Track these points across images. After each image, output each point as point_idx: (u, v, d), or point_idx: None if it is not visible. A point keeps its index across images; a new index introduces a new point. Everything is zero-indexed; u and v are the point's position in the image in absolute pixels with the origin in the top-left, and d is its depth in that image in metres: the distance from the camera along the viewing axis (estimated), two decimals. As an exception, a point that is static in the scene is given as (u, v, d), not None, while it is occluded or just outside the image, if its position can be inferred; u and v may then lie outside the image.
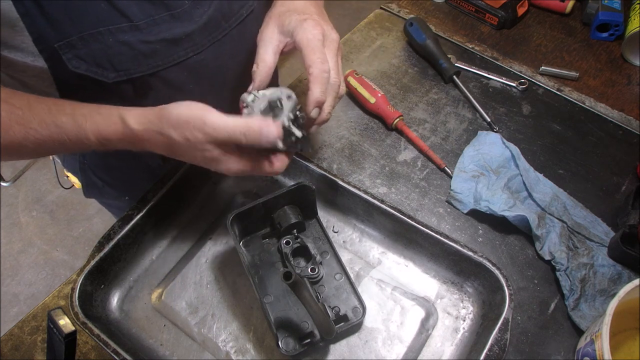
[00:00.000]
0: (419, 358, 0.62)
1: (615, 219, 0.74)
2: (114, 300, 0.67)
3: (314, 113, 0.57)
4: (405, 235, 0.68)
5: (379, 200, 0.67)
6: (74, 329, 0.54)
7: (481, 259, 0.62)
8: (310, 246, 0.66)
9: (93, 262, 0.63)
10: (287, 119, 0.56)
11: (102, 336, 0.58)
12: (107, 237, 0.65)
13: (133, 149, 0.58)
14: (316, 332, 0.61)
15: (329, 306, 0.63)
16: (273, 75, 0.62)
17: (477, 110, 0.88)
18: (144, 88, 0.63)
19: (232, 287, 0.68)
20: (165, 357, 0.63)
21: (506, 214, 0.71)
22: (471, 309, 0.65)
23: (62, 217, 2.08)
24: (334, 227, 0.73)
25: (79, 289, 0.62)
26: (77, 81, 0.58)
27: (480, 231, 0.74)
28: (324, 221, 0.70)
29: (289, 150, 0.58)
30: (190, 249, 0.72)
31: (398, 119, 0.84)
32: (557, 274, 0.68)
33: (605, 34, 0.99)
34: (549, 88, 0.92)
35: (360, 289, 0.66)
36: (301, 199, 0.67)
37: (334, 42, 0.60)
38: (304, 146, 0.59)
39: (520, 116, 0.88)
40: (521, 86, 0.91)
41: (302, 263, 0.66)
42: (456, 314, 0.65)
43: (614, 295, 0.57)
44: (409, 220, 0.66)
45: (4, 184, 2.15)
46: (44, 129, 0.54)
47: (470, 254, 0.63)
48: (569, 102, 0.90)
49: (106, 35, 0.56)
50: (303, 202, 0.67)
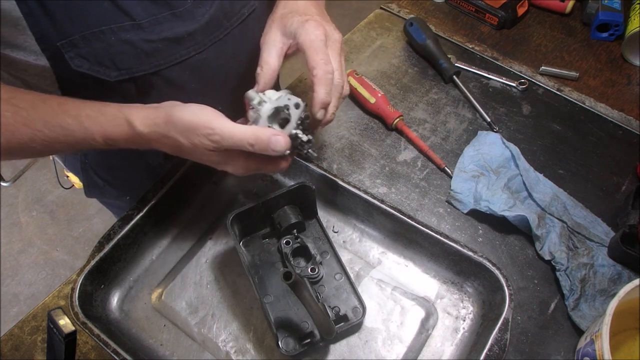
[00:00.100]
0: (419, 358, 0.62)
1: (615, 219, 0.74)
2: (114, 300, 0.67)
3: (319, 115, 0.57)
4: (405, 235, 0.68)
5: (379, 200, 0.67)
6: (74, 329, 0.54)
7: (481, 259, 0.62)
8: (310, 246, 0.66)
9: (93, 262, 0.63)
10: (294, 128, 0.57)
11: (102, 336, 0.58)
12: (107, 237, 0.65)
13: (139, 148, 0.58)
14: (316, 332, 0.61)
15: (329, 306, 0.63)
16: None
17: (477, 110, 0.88)
18: (146, 87, 0.63)
19: (232, 287, 0.68)
20: (165, 357, 0.63)
21: (506, 214, 0.71)
22: (471, 309, 0.65)
23: (62, 217, 2.08)
24: (334, 227, 0.73)
25: (79, 289, 0.62)
26: (79, 80, 0.59)
27: (480, 231, 0.74)
28: (324, 221, 0.70)
29: (295, 152, 0.59)
30: (190, 249, 0.72)
31: (398, 119, 0.84)
32: (557, 274, 0.68)
33: (605, 34, 0.99)
34: (549, 88, 0.92)
35: (360, 289, 0.66)
36: (301, 199, 0.67)
37: (336, 42, 0.60)
38: (310, 148, 0.59)
39: (520, 116, 0.88)
40: (521, 86, 0.91)
41: (302, 263, 0.66)
42: (456, 314, 0.65)
43: (614, 295, 0.57)
44: (409, 220, 0.66)
45: (4, 184, 2.15)
46: (50, 131, 0.55)
47: (470, 254, 0.63)
48: (569, 102, 0.90)
49: (108, 34, 0.56)
50: (303, 202, 0.67)
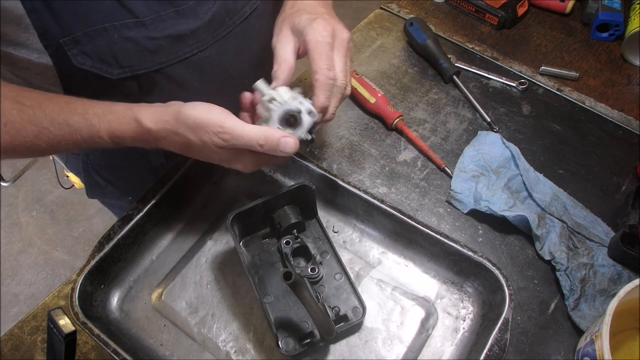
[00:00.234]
0: (419, 358, 0.62)
1: (615, 219, 0.74)
2: (114, 300, 0.67)
3: (317, 117, 0.58)
4: (405, 235, 0.68)
5: (379, 200, 0.67)
6: (74, 329, 0.54)
7: (481, 259, 0.62)
8: (310, 246, 0.66)
9: (93, 262, 0.63)
10: (304, 133, 0.58)
11: (102, 336, 0.58)
12: (107, 237, 0.65)
13: (145, 147, 0.58)
14: (316, 332, 0.61)
15: (329, 306, 0.63)
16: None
17: (477, 110, 0.88)
18: (149, 85, 0.63)
19: (232, 287, 0.68)
20: (165, 357, 0.63)
21: (506, 214, 0.71)
22: (471, 309, 0.65)
23: (62, 217, 2.08)
24: (334, 227, 0.73)
25: (79, 289, 0.61)
26: (82, 78, 0.59)
27: (480, 231, 0.74)
28: (324, 221, 0.70)
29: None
30: (190, 249, 0.72)
31: (398, 119, 0.84)
32: (557, 274, 0.68)
33: (605, 34, 0.99)
34: (549, 88, 0.92)
35: (360, 289, 0.65)
36: (301, 199, 0.67)
37: (343, 42, 0.60)
38: (312, 147, 0.61)
39: (520, 116, 0.88)
40: (521, 86, 0.91)
41: (302, 263, 0.66)
42: (456, 314, 0.65)
43: (614, 295, 0.57)
44: (409, 220, 0.66)
45: (4, 184, 2.15)
46: (56, 128, 0.55)
47: (470, 254, 0.63)
48: (569, 102, 0.90)
49: (111, 31, 0.56)
50: (303, 202, 0.67)
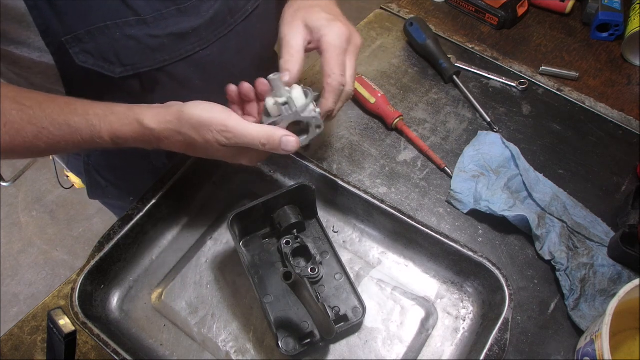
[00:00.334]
0: (419, 358, 0.62)
1: (615, 219, 0.74)
2: (114, 300, 0.67)
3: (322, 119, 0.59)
4: (405, 235, 0.68)
5: (379, 200, 0.67)
6: (74, 329, 0.54)
7: (481, 259, 0.62)
8: (310, 246, 0.66)
9: (93, 262, 0.63)
10: (306, 142, 0.59)
11: (102, 336, 0.58)
12: (107, 237, 0.65)
13: (146, 147, 0.58)
14: (316, 332, 0.61)
15: (329, 306, 0.63)
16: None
17: (477, 110, 0.88)
18: (151, 83, 0.63)
19: (232, 287, 0.68)
20: (165, 357, 0.63)
21: (506, 214, 0.71)
22: (471, 309, 0.65)
23: (62, 217, 2.08)
24: (334, 227, 0.73)
25: (79, 289, 0.61)
26: (84, 77, 0.59)
27: (480, 231, 0.74)
28: (324, 221, 0.70)
29: None
30: (190, 249, 0.72)
31: (398, 119, 0.84)
32: (557, 274, 0.68)
33: (605, 34, 0.99)
34: (549, 88, 0.92)
35: (360, 289, 0.65)
36: (301, 199, 0.67)
37: (357, 48, 0.61)
38: (308, 145, 0.61)
39: (520, 116, 0.88)
40: (521, 86, 0.91)
41: (302, 263, 0.66)
42: (456, 314, 0.65)
43: (614, 295, 0.57)
44: (409, 220, 0.66)
45: (4, 184, 2.15)
46: (56, 129, 0.55)
47: (470, 254, 0.63)
48: (569, 102, 0.90)
49: (113, 29, 0.56)
50: (303, 202, 0.67)
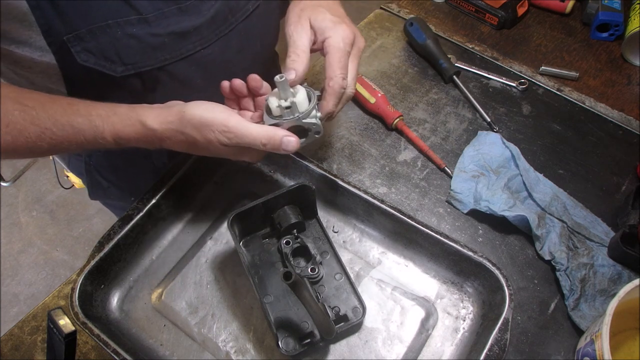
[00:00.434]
0: (419, 358, 0.62)
1: (615, 219, 0.74)
2: (114, 300, 0.67)
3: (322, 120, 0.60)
4: (405, 235, 0.68)
5: (379, 200, 0.67)
6: (74, 329, 0.54)
7: (481, 259, 0.62)
8: (310, 246, 0.66)
9: (93, 262, 0.63)
10: (305, 143, 0.60)
11: (102, 336, 0.58)
12: (107, 237, 0.65)
13: (149, 147, 0.59)
14: (316, 332, 0.61)
15: (329, 306, 0.63)
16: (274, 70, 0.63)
17: (477, 110, 0.88)
18: (152, 82, 0.64)
19: (232, 287, 0.68)
20: (165, 357, 0.63)
21: (506, 214, 0.71)
22: (471, 309, 0.65)
23: (62, 217, 2.08)
24: (334, 227, 0.73)
25: (79, 289, 0.62)
26: (85, 76, 0.59)
27: (480, 231, 0.74)
28: (324, 221, 0.70)
29: None
30: (190, 249, 0.72)
31: (398, 119, 0.84)
32: (557, 274, 0.68)
33: (605, 34, 0.99)
34: (549, 88, 0.92)
35: (360, 289, 0.65)
36: (301, 199, 0.67)
37: (360, 51, 0.62)
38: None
39: (520, 116, 0.88)
40: (521, 86, 0.91)
41: (302, 263, 0.66)
42: (456, 314, 0.65)
43: (614, 295, 0.57)
44: (409, 220, 0.66)
45: (4, 184, 2.15)
46: (59, 129, 0.55)
47: (470, 254, 0.63)
48: (569, 102, 0.90)
49: (115, 28, 0.56)
50: (303, 202, 0.67)
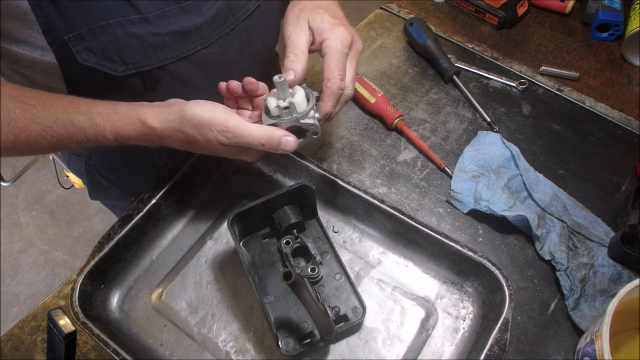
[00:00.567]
0: (419, 358, 0.62)
1: (615, 219, 0.74)
2: (114, 300, 0.67)
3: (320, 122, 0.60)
4: (405, 235, 0.68)
5: (379, 200, 0.67)
6: (74, 329, 0.54)
7: (481, 259, 0.62)
8: (310, 246, 0.66)
9: (93, 262, 0.63)
10: (303, 144, 0.60)
11: (102, 336, 0.58)
12: (107, 237, 0.65)
13: (149, 145, 0.59)
14: (316, 332, 0.61)
15: (329, 306, 0.63)
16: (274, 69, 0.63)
17: (477, 110, 0.88)
18: (153, 82, 0.64)
19: (232, 287, 0.68)
20: (165, 357, 0.63)
21: (506, 214, 0.71)
22: (471, 309, 0.65)
23: (62, 217, 2.08)
24: (334, 227, 0.73)
25: (79, 289, 0.61)
26: (86, 75, 0.59)
27: (480, 231, 0.74)
28: (324, 221, 0.70)
29: None
30: (190, 249, 0.72)
31: (398, 119, 0.84)
32: (557, 274, 0.68)
33: (605, 34, 0.99)
34: (549, 88, 0.92)
35: (360, 289, 0.65)
36: (301, 199, 0.67)
37: (358, 52, 0.62)
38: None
39: (520, 116, 0.88)
40: (521, 86, 0.91)
41: (302, 263, 0.66)
42: (456, 314, 0.65)
43: (614, 295, 0.57)
44: (409, 220, 0.66)
45: (4, 184, 2.15)
46: (60, 127, 0.55)
47: (470, 254, 0.63)
48: (569, 102, 0.90)
49: (115, 27, 0.56)
50: (303, 202, 0.67)
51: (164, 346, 0.64)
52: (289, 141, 0.56)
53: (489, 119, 0.86)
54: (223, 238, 0.72)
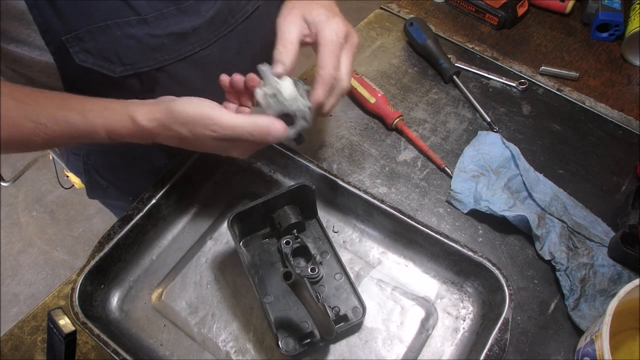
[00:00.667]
0: (419, 358, 0.62)
1: (615, 219, 0.74)
2: (114, 300, 0.67)
3: (312, 111, 0.59)
4: (405, 235, 0.68)
5: (379, 200, 0.67)
6: (74, 329, 0.54)
7: (481, 259, 0.62)
8: (310, 246, 0.66)
9: (93, 262, 0.63)
10: (293, 135, 0.59)
11: (102, 336, 0.58)
12: (107, 237, 0.65)
13: (143, 142, 0.59)
14: (316, 332, 0.61)
15: (329, 306, 0.63)
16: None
17: (477, 110, 0.88)
18: (151, 82, 0.64)
19: (232, 287, 0.68)
20: (165, 357, 0.63)
21: (506, 214, 0.71)
22: (471, 309, 0.65)
23: (62, 217, 2.08)
24: (334, 227, 0.73)
25: (79, 289, 0.61)
26: (84, 76, 0.59)
27: (480, 231, 0.74)
28: (324, 221, 0.70)
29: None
30: (190, 249, 0.72)
31: (398, 119, 0.84)
32: (557, 274, 0.68)
33: (605, 34, 0.99)
34: (549, 88, 0.92)
35: (360, 289, 0.65)
36: (301, 199, 0.67)
37: (353, 45, 0.61)
38: (299, 139, 0.61)
39: (520, 116, 0.88)
40: (521, 86, 0.91)
41: (302, 263, 0.66)
42: (456, 314, 0.65)
43: (614, 295, 0.57)
44: (409, 220, 0.66)
45: (4, 184, 2.14)
46: (53, 124, 0.55)
47: (470, 254, 0.63)
48: (569, 102, 0.90)
49: (114, 28, 0.56)
50: (303, 202, 0.67)
51: (164, 346, 0.64)
52: (277, 127, 0.55)
53: (489, 119, 0.86)
54: (223, 238, 0.72)
